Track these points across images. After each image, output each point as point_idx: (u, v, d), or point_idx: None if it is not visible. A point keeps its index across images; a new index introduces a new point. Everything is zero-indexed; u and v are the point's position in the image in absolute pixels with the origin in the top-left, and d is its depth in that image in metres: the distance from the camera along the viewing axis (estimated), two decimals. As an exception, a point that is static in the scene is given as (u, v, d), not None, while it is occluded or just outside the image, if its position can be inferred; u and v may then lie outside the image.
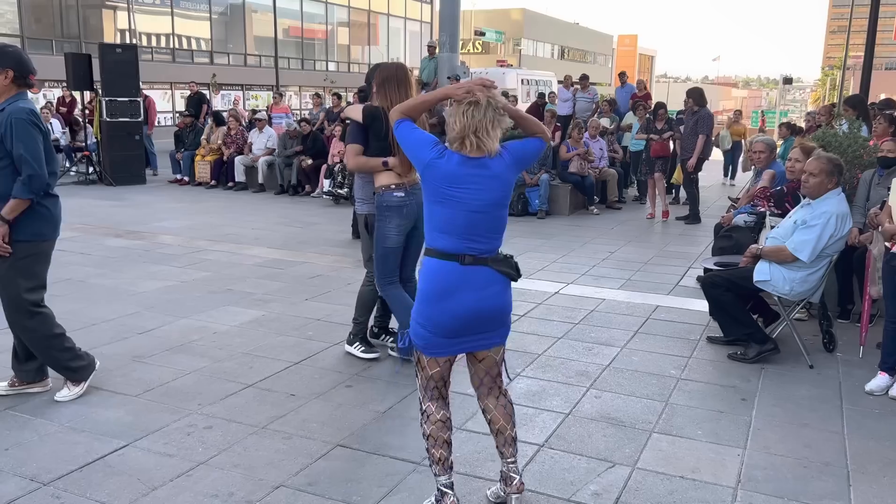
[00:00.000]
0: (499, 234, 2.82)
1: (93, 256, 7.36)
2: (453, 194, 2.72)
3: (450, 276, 2.74)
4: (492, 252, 2.79)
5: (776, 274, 4.57)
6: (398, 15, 41.69)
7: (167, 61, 27.97)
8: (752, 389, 4.27)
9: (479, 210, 2.72)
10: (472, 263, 2.74)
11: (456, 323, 2.77)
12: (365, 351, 4.71)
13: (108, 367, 4.40)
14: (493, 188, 2.73)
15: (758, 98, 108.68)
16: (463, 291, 2.74)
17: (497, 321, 2.84)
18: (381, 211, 4.36)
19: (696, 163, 9.72)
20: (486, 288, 2.76)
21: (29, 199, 3.60)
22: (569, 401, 4.05)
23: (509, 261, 2.81)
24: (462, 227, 2.73)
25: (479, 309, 2.76)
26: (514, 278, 2.82)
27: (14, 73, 3.57)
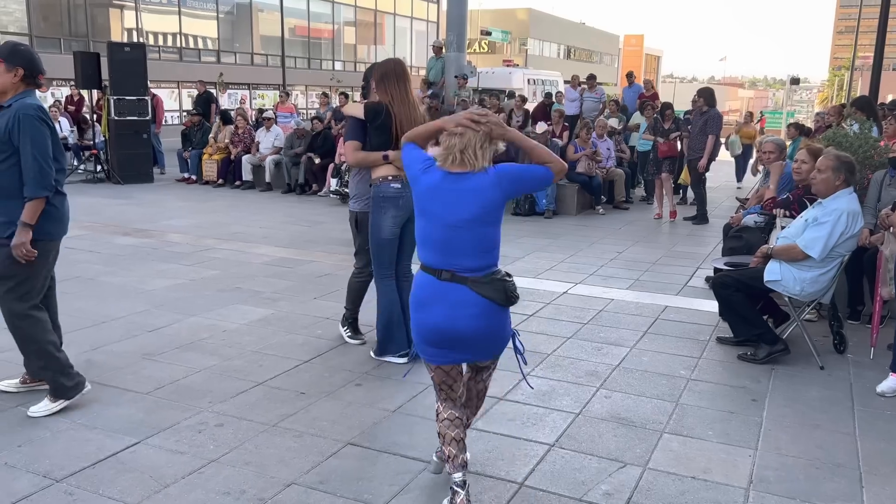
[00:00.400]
0: (485, 252, 2.74)
1: (102, 254, 7.38)
2: (430, 208, 2.75)
3: (426, 289, 2.77)
4: (477, 271, 2.71)
5: (787, 274, 4.56)
6: (405, 14, 41.71)
7: (174, 60, 28.03)
8: (762, 390, 4.25)
9: (455, 225, 2.69)
10: (448, 280, 2.72)
11: (431, 335, 2.78)
12: (351, 336, 4.92)
13: (118, 365, 4.41)
14: (468, 203, 2.69)
15: (764, 98, 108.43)
16: (435, 306, 2.74)
17: (465, 343, 2.76)
18: (378, 202, 4.43)
19: (706, 163, 9.69)
20: (459, 307, 2.71)
21: (44, 196, 3.57)
22: (579, 401, 4.05)
23: (499, 284, 2.71)
24: (439, 242, 2.73)
25: (451, 328, 2.73)
26: (500, 303, 2.72)
27: (24, 71, 3.57)
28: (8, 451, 3.33)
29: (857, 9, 34.90)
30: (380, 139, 4.37)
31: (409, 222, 4.43)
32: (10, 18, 23.26)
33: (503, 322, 2.82)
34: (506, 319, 2.85)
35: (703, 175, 9.99)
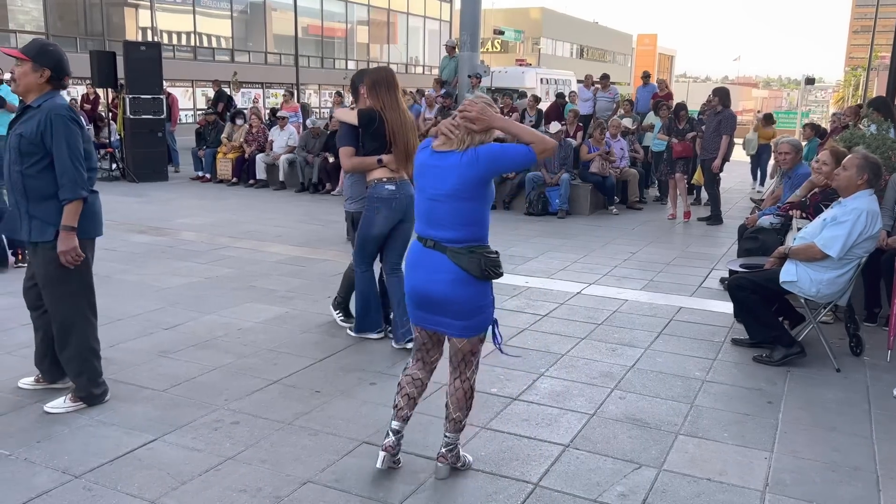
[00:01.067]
0: (465, 226, 2.93)
1: (117, 252, 7.43)
2: (420, 182, 3.04)
3: (413, 254, 3.06)
4: (457, 242, 2.93)
5: (803, 275, 4.53)
6: (417, 14, 41.73)
7: (189, 59, 28.18)
8: (778, 392, 4.23)
9: (434, 198, 2.95)
10: (431, 247, 2.98)
11: (412, 295, 3.07)
12: (343, 320, 5.28)
13: (135, 362, 4.45)
14: (446, 178, 2.92)
15: (778, 98, 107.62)
16: (418, 269, 3.02)
17: (448, 309, 2.97)
18: (372, 202, 4.67)
19: (720, 164, 9.64)
20: (436, 272, 2.95)
21: (83, 197, 3.54)
22: (593, 401, 4.04)
23: (475, 257, 2.90)
24: (424, 213, 3.00)
25: (426, 290, 2.99)
26: (477, 276, 2.91)
27: (51, 73, 3.56)
28: (27, 447, 3.36)
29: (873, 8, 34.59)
30: (374, 144, 4.62)
31: (402, 222, 4.71)
32: (27, 17, 23.46)
33: (477, 296, 2.97)
34: (482, 297, 2.99)
35: (718, 175, 9.94)
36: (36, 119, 3.50)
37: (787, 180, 6.55)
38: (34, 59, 3.53)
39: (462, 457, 3.26)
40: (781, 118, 39.09)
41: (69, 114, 3.53)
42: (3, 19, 22.84)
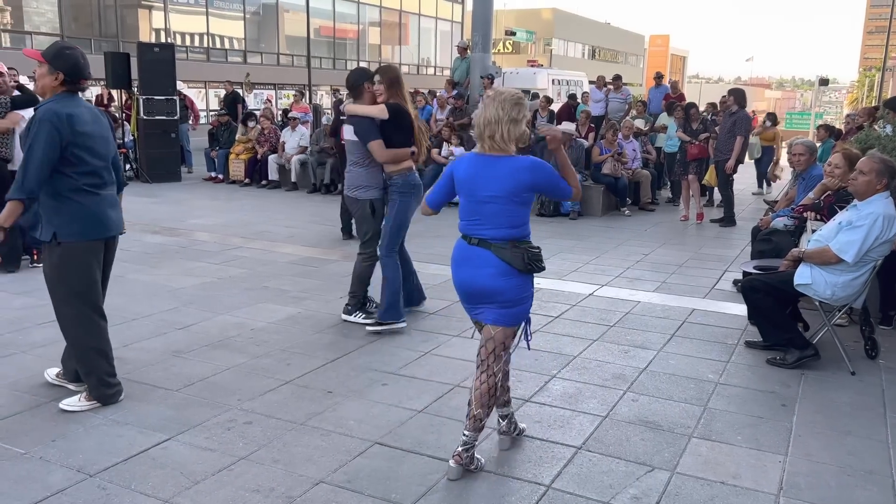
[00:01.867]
0: (510, 227, 3.12)
1: (131, 252, 7.48)
2: (466, 186, 3.19)
3: (459, 251, 3.25)
4: (501, 239, 3.11)
5: (818, 278, 4.50)
6: (429, 15, 41.78)
7: (202, 60, 28.33)
8: (792, 395, 4.20)
9: (483, 200, 3.12)
10: (476, 245, 3.16)
11: (460, 289, 3.26)
12: (366, 318, 5.32)
13: (149, 362, 4.47)
14: (497, 181, 3.09)
15: (792, 99, 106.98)
16: (465, 265, 3.20)
17: (487, 298, 3.16)
18: (408, 188, 5.09)
19: (733, 164, 9.59)
20: (482, 267, 3.13)
21: (20, 199, 3.51)
22: (605, 403, 4.03)
23: (518, 251, 3.09)
24: (469, 213, 3.19)
25: (473, 283, 3.17)
26: (521, 269, 3.10)
27: (65, 76, 3.59)
28: (42, 445, 3.39)
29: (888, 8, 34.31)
30: (401, 137, 4.98)
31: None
32: (42, 19, 23.66)
33: (520, 288, 3.15)
34: (523, 288, 3.16)
35: (731, 177, 9.88)
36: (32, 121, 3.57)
37: (801, 182, 6.51)
38: (50, 62, 3.58)
39: (475, 459, 3.26)
40: (795, 119, 38.85)
41: (52, 117, 3.50)
42: (19, 21, 23.06)
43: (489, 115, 3.11)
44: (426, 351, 4.79)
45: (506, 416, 3.49)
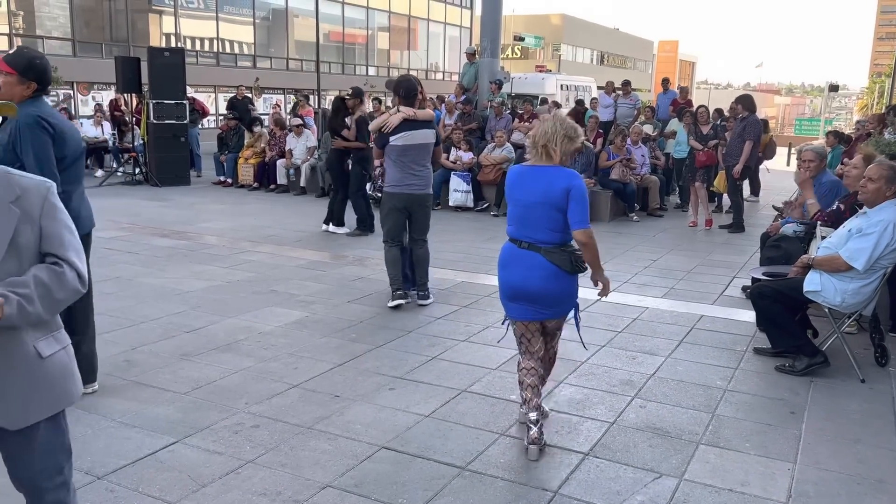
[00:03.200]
0: (556, 231, 3.41)
1: (140, 255, 7.52)
2: (515, 193, 3.52)
3: (508, 254, 3.55)
4: (549, 243, 3.41)
5: (827, 285, 4.48)
6: (438, 20, 41.86)
7: (211, 64, 28.47)
8: (801, 403, 4.18)
9: (530, 205, 3.41)
10: (526, 248, 3.46)
11: (509, 291, 3.53)
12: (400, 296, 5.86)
13: (157, 365, 4.49)
14: (543, 187, 3.39)
15: (801, 105, 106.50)
16: (514, 267, 3.48)
17: (545, 300, 3.44)
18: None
19: (741, 169, 9.56)
20: (532, 269, 3.41)
21: None
22: (613, 409, 4.02)
23: (566, 254, 3.42)
24: (517, 218, 3.49)
25: (524, 285, 3.44)
26: (568, 270, 3.42)
27: (37, 85, 3.60)
28: (51, 447, 3.40)
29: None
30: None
31: None
32: (54, 24, 23.82)
33: (569, 287, 3.50)
34: (572, 286, 3.52)
35: (740, 183, 9.85)
36: (8, 129, 3.55)
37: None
38: (22, 73, 3.55)
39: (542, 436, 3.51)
40: (805, 125, 38.74)
41: (37, 121, 3.52)
42: (32, 25, 23.22)
43: (547, 129, 3.41)
44: (433, 356, 4.79)
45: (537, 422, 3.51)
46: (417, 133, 5.66)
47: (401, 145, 5.68)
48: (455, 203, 11.27)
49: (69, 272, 2.02)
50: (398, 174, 5.77)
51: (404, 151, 5.70)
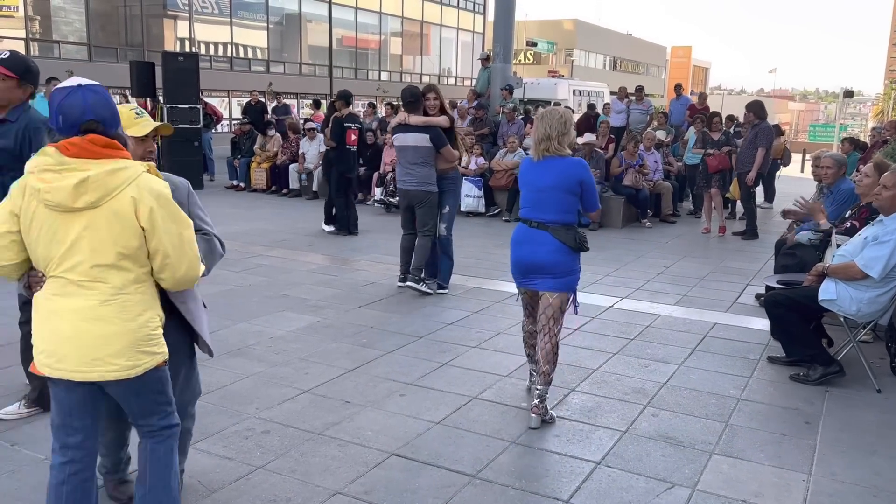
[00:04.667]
0: (563, 212, 3.84)
1: (153, 259, 7.54)
2: (528, 179, 3.96)
3: (520, 233, 3.96)
4: (556, 223, 3.83)
5: (843, 293, 4.43)
6: (451, 25, 41.94)
7: (225, 69, 28.64)
8: (815, 413, 4.13)
9: (542, 189, 3.85)
10: (536, 227, 3.87)
11: (518, 265, 3.95)
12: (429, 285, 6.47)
13: (168, 369, 4.49)
14: (553, 175, 3.84)
15: (815, 111, 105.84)
16: (525, 244, 3.89)
17: (550, 270, 3.84)
18: (458, 181, 6.93)
19: (755, 176, 9.50)
20: (541, 245, 3.82)
21: None
22: (625, 418, 3.99)
23: (571, 232, 3.82)
24: (530, 202, 3.91)
25: (532, 259, 3.86)
26: (573, 248, 3.83)
27: (33, 88, 3.66)
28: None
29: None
30: (453, 141, 6.49)
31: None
32: (70, 28, 24.05)
33: (572, 262, 3.88)
34: (573, 262, 3.89)
35: (753, 189, 9.78)
36: (13, 132, 3.55)
37: (828, 195, 6.41)
38: (22, 77, 3.59)
39: (549, 412, 3.90)
40: (819, 132, 38.45)
41: (46, 127, 3.54)
42: (48, 30, 23.45)
43: (541, 134, 3.87)
44: (444, 362, 4.78)
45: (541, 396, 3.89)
46: (408, 136, 6.39)
47: (397, 146, 6.58)
48: (466, 208, 11.26)
49: (214, 240, 2.91)
50: (399, 172, 6.70)
51: (400, 152, 6.54)
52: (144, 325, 2.38)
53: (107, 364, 2.32)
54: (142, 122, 2.69)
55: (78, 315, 2.30)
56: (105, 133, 2.32)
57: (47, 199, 2.24)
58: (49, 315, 2.34)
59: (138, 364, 2.36)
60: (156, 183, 2.35)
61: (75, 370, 2.32)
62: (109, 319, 2.31)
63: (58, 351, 2.32)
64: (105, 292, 2.31)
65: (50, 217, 2.26)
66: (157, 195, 2.32)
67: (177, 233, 2.36)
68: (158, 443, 2.55)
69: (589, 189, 3.90)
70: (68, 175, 2.23)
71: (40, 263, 2.34)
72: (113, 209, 2.26)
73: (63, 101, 2.31)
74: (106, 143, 2.30)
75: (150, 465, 2.55)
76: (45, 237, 2.28)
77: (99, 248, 2.28)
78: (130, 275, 2.34)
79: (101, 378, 2.34)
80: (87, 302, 2.30)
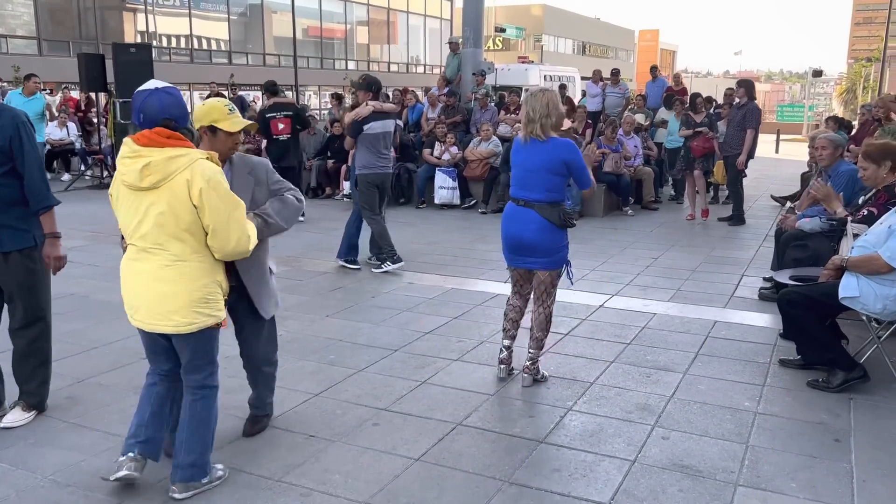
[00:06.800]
0: (549, 192, 3.94)
1: (100, 268, 6.90)
2: (518, 160, 4.07)
3: (509, 211, 4.10)
4: (541, 201, 3.95)
5: (866, 290, 3.95)
6: (417, 12, 41.18)
7: (185, 62, 27.68)
8: (843, 427, 3.66)
9: (531, 169, 3.97)
10: (523, 205, 4.01)
11: (508, 241, 4.10)
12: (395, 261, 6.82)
13: (103, 402, 3.90)
14: (541, 156, 3.94)
15: (781, 92, 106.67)
16: (513, 222, 4.04)
17: (537, 250, 3.98)
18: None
19: (745, 160, 9.06)
20: (528, 223, 3.96)
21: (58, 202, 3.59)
22: (632, 443, 3.47)
23: (556, 210, 3.93)
24: (518, 180, 4.04)
25: (520, 236, 4.00)
26: (558, 225, 3.95)
27: None
28: (-36, 517, 2.82)
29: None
30: None
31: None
32: (17, 22, 22.97)
33: (558, 240, 4.00)
34: (560, 240, 4.01)
35: (742, 173, 9.34)
36: None
37: (826, 179, 5.96)
38: None
39: (541, 371, 4.19)
40: (787, 112, 38.39)
41: (29, 121, 3.51)
42: (-6, 24, 22.38)
43: (526, 117, 3.97)
44: (422, 380, 4.23)
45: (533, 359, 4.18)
46: (387, 122, 6.70)
47: (374, 134, 6.62)
48: (441, 201, 10.70)
49: (288, 196, 3.25)
50: (370, 159, 6.67)
51: (376, 139, 6.64)
52: (202, 289, 2.81)
53: (167, 318, 2.80)
54: (233, 119, 3.03)
55: (146, 276, 2.80)
56: (175, 128, 2.76)
57: (124, 180, 2.75)
58: (126, 274, 2.88)
59: (193, 322, 2.82)
60: (209, 168, 2.75)
61: (144, 321, 2.86)
62: (170, 281, 2.77)
63: (133, 303, 2.88)
64: (166, 258, 2.77)
65: (128, 194, 2.77)
66: (207, 178, 2.72)
67: (225, 212, 2.76)
68: (197, 400, 2.98)
69: (577, 169, 3.96)
70: (138, 161, 2.69)
71: (124, 232, 2.87)
72: (172, 189, 2.70)
73: (145, 101, 2.76)
74: (169, 134, 2.73)
75: (188, 420, 2.96)
76: (124, 210, 2.81)
77: (161, 221, 2.73)
78: (187, 246, 2.77)
79: (162, 330, 2.84)
80: (151, 266, 2.79)
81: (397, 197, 11.09)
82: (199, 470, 2.95)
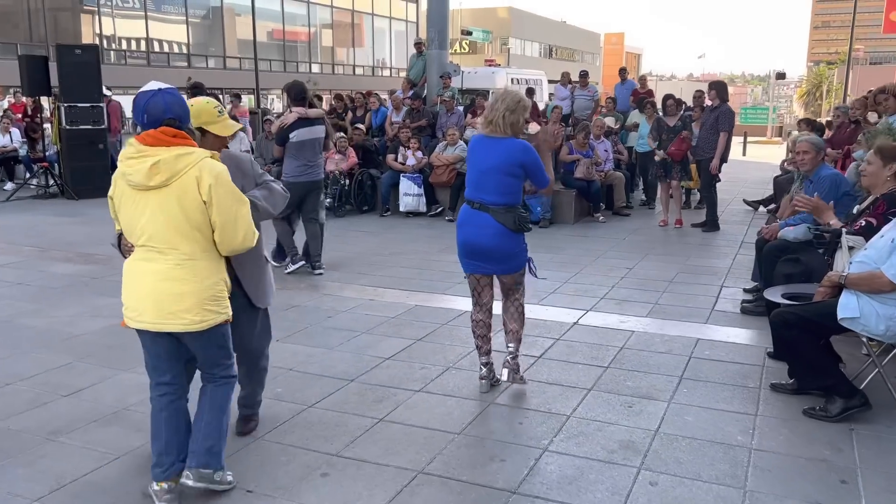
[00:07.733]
0: (505, 194, 3.82)
1: (30, 287, 6.31)
2: (472, 158, 3.96)
3: (464, 214, 3.96)
4: (497, 204, 3.81)
5: (867, 309, 3.60)
6: (383, 15, 40.69)
7: (142, 65, 26.83)
8: (848, 465, 3.29)
9: (484, 170, 3.84)
10: (478, 208, 3.87)
11: (463, 247, 3.95)
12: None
13: (11, 451, 3.38)
14: (496, 156, 3.82)
15: (743, 95, 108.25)
16: (468, 226, 3.91)
17: (493, 256, 3.88)
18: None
19: (718, 164, 8.76)
20: (482, 228, 3.84)
21: None
22: (617, 492, 3.06)
23: (511, 214, 3.80)
24: (473, 182, 3.91)
25: (475, 242, 3.88)
26: (512, 229, 3.81)
27: None
28: None
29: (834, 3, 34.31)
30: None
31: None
32: (-38, 23, 22.01)
33: (515, 245, 3.89)
34: (518, 244, 3.90)
35: (716, 177, 9.05)
36: None
37: (808, 184, 5.63)
38: None
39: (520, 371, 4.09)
40: (750, 114, 38.63)
41: None
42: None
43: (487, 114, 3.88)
44: (380, 417, 3.78)
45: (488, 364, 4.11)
46: (315, 129, 6.56)
47: (302, 141, 6.49)
48: (406, 208, 10.24)
49: (274, 186, 3.41)
50: (298, 168, 6.54)
51: (303, 147, 6.50)
52: (211, 287, 2.84)
53: (178, 318, 2.79)
54: (223, 121, 3.13)
55: (155, 276, 2.79)
56: (179, 127, 2.78)
57: (130, 180, 2.74)
58: (132, 276, 2.84)
59: (205, 320, 2.83)
60: (216, 165, 2.80)
61: (153, 322, 2.81)
62: (181, 280, 2.78)
63: (138, 306, 2.83)
64: (177, 257, 2.79)
65: (132, 196, 2.76)
66: (216, 175, 2.76)
67: (233, 208, 2.81)
68: (217, 387, 3.03)
69: (533, 169, 3.85)
70: (144, 160, 2.70)
71: (128, 234, 2.85)
72: (181, 187, 2.72)
73: (148, 101, 2.78)
74: (175, 133, 2.76)
75: (207, 405, 3.00)
76: (128, 212, 2.80)
77: (171, 220, 2.75)
78: (197, 244, 2.80)
79: (173, 329, 2.82)
80: (163, 266, 2.78)
81: (360, 205, 10.63)
82: (216, 457, 2.94)
